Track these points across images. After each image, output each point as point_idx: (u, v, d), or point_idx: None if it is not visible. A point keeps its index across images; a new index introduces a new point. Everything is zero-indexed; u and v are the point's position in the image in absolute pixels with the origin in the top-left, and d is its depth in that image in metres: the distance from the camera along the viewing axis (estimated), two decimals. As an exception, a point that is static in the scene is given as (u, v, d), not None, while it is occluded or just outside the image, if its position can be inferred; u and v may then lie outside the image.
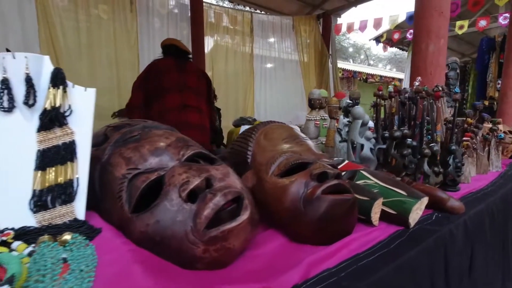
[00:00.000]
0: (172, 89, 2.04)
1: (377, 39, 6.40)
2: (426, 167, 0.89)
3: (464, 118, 1.42)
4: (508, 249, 0.96)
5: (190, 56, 2.20)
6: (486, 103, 5.26)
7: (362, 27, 5.65)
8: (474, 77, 6.07)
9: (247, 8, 4.67)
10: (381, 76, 10.69)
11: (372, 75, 10.50)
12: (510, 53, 3.55)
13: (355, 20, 5.68)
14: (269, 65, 4.95)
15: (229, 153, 0.80)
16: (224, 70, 4.46)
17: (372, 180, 0.75)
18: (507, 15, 4.21)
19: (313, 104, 1.33)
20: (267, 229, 0.62)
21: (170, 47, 2.11)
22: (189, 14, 3.79)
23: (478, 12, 4.94)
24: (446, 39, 1.61)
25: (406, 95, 1.27)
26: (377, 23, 5.42)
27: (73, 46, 3.10)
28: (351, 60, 20.34)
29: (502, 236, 0.93)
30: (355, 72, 10.02)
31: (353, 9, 5.22)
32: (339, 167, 0.86)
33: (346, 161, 0.88)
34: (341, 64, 10.58)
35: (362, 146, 1.09)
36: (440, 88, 1.16)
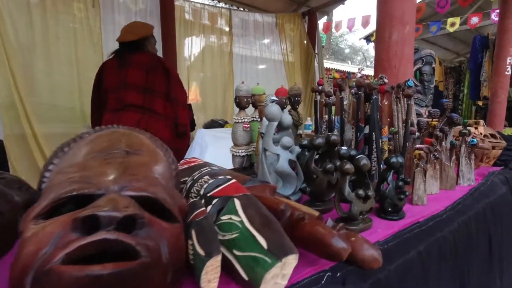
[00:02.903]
0: (111, 89, 1.80)
1: (367, 38, 6.15)
2: (347, 189, 0.63)
3: (430, 120, 1.16)
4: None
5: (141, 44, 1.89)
6: (480, 103, 5.01)
7: (350, 26, 5.40)
8: (469, 77, 5.81)
9: (226, 5, 4.42)
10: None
11: (367, 76, 10.24)
12: (501, 51, 3.31)
13: (344, 18, 5.43)
14: (250, 65, 4.68)
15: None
16: (201, 71, 4.22)
17: (239, 216, 0.48)
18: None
19: (239, 103, 1.07)
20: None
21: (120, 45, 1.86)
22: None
23: (471, 8, 4.69)
24: (413, 26, 1.35)
25: (353, 90, 1.01)
26: (365, 21, 5.17)
27: (27, 43, 2.86)
28: (349, 62, 20.07)
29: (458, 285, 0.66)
30: (349, 73, 9.78)
31: (344, 7, 4.99)
32: (218, 189, 0.60)
33: (233, 180, 0.61)
34: (335, 65, 10.35)
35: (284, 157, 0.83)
36: (386, 81, 0.90)
